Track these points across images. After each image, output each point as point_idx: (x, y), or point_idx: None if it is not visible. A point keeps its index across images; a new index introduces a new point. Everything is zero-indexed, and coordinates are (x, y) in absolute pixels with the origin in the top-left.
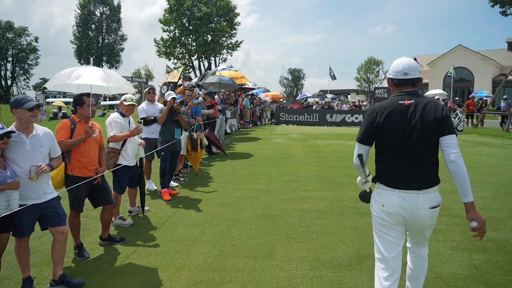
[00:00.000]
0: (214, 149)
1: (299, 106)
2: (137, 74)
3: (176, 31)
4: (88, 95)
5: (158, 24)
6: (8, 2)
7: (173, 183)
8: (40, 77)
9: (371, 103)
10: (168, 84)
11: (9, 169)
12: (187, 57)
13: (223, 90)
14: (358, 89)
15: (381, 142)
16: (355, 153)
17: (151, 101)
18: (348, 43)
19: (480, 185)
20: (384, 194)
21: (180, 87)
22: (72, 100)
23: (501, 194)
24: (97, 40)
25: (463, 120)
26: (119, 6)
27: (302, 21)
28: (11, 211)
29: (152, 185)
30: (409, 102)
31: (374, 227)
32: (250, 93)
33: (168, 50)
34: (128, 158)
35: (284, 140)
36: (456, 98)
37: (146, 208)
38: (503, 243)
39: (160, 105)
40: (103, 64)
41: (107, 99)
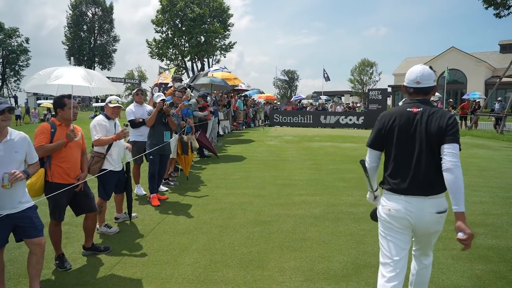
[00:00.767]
0: (206, 152)
1: (293, 108)
2: (130, 76)
3: (169, 32)
4: (69, 97)
5: (152, 25)
6: (0, 4)
7: (163, 188)
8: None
9: (365, 105)
10: (160, 85)
11: None
12: (180, 58)
13: (215, 92)
14: (352, 91)
15: (388, 148)
16: (366, 160)
17: (140, 103)
18: (342, 45)
19: (478, 189)
20: (391, 199)
21: (171, 89)
22: (52, 102)
23: (500, 199)
24: (89, 41)
25: (457, 122)
26: (112, 7)
27: (297, 23)
28: None
29: (141, 190)
30: (417, 110)
31: (381, 231)
32: (244, 95)
33: (161, 51)
34: (114, 163)
35: (278, 142)
36: (450, 100)
37: (134, 215)
38: (505, 252)
39: (149, 107)
40: (95, 66)
41: (99, 101)
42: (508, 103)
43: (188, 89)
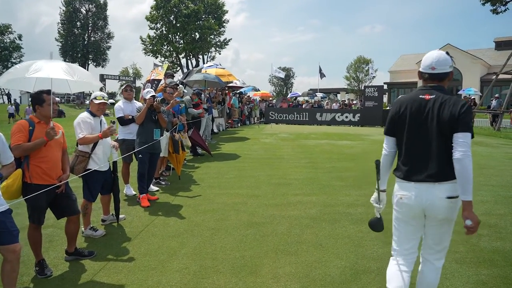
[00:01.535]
0: (200, 150)
1: (289, 105)
2: (125, 73)
3: (163, 29)
4: (49, 92)
5: (146, 22)
6: None
7: (153, 188)
8: None
9: (361, 102)
10: (152, 82)
11: None
12: (175, 55)
13: (209, 88)
14: (348, 88)
15: (400, 135)
16: (384, 147)
17: (129, 99)
18: (338, 43)
19: (480, 188)
20: (402, 187)
21: (162, 85)
22: (30, 99)
23: (502, 198)
24: (83, 38)
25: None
26: (106, 4)
27: (293, 21)
28: None
29: (130, 190)
30: (430, 97)
31: (393, 220)
32: (239, 92)
33: (155, 48)
34: (100, 162)
35: (273, 140)
36: None
37: (121, 216)
38: (511, 255)
39: (139, 104)
40: (89, 62)
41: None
42: (505, 100)
43: (181, 86)
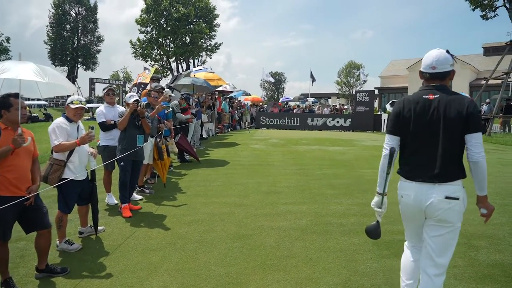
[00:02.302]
0: (187, 157)
1: (280, 110)
2: (116, 77)
3: (154, 32)
4: (17, 96)
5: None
6: None
7: (136, 196)
8: None
9: (353, 107)
10: (139, 85)
11: None
12: (165, 59)
13: (198, 93)
14: (339, 93)
15: (404, 135)
16: (385, 146)
17: (111, 104)
18: (329, 48)
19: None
20: (403, 186)
21: (146, 88)
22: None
23: (498, 206)
24: (72, 41)
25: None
26: (96, 7)
27: (284, 25)
28: None
29: (113, 199)
30: (434, 97)
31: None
32: (229, 96)
33: (145, 52)
34: (76, 171)
35: (264, 146)
36: None
37: (100, 228)
38: (511, 269)
39: (122, 108)
40: (79, 66)
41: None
42: (496, 105)
43: (167, 90)
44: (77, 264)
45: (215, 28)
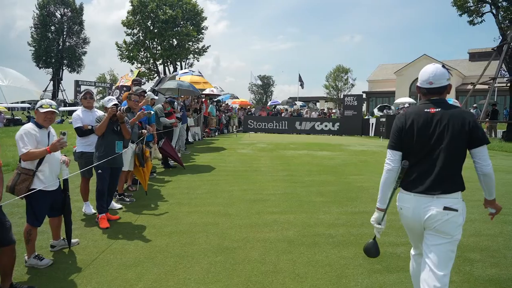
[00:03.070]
0: (171, 162)
1: (269, 113)
2: (102, 79)
3: (140, 34)
4: None
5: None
6: None
7: (115, 205)
8: None
9: (341, 110)
10: (121, 88)
11: None
12: (152, 62)
13: (183, 97)
14: (327, 97)
15: (406, 148)
16: (388, 161)
17: (89, 108)
18: (317, 51)
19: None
20: (403, 198)
21: (127, 92)
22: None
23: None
24: (57, 43)
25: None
26: (82, 8)
27: (272, 29)
28: None
29: (90, 208)
30: (435, 111)
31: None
32: (216, 100)
33: (131, 54)
34: (46, 181)
35: (251, 151)
36: None
37: (74, 241)
38: (508, 285)
39: (100, 113)
40: (64, 68)
41: (67, 105)
42: (483, 110)
43: (150, 93)
44: (46, 282)
45: (203, 31)
